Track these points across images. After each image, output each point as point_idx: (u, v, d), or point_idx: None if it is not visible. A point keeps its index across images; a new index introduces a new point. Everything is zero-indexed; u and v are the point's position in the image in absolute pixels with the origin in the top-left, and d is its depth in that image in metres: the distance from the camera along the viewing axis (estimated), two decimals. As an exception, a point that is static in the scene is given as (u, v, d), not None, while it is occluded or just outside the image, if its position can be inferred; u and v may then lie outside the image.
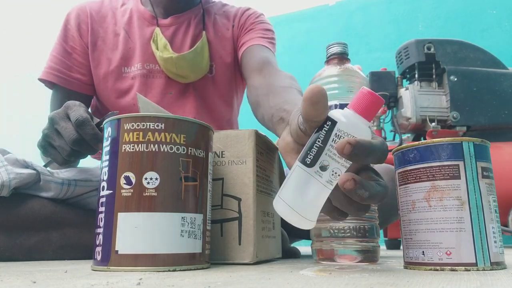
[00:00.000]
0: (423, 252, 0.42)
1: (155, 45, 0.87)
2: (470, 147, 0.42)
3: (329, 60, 0.58)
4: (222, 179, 0.52)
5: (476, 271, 0.39)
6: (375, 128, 1.62)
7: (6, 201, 0.58)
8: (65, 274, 0.37)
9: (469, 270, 0.39)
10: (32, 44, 3.17)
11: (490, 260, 0.40)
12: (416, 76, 1.56)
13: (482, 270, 0.39)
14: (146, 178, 0.40)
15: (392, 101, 1.58)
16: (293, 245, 0.77)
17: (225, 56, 0.93)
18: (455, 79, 1.49)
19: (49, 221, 0.60)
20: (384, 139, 0.38)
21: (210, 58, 0.91)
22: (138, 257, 0.38)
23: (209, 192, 0.45)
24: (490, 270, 0.40)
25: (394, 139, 1.64)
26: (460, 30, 2.26)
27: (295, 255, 0.71)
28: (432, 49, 1.53)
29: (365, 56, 2.41)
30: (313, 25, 2.64)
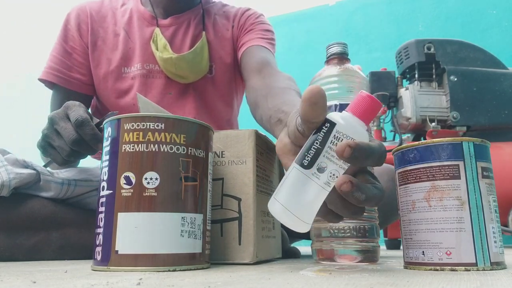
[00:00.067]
0: (423, 252, 0.42)
1: (155, 46, 0.87)
2: (470, 147, 0.42)
3: (329, 60, 0.58)
4: (222, 179, 0.52)
5: (476, 271, 0.39)
6: (375, 128, 1.62)
7: (6, 201, 0.58)
8: (65, 274, 0.37)
9: (469, 270, 0.39)
10: (32, 44, 3.17)
11: (490, 260, 0.40)
12: (416, 76, 1.56)
13: (482, 270, 0.39)
14: (146, 178, 0.40)
15: (392, 101, 1.58)
16: (293, 245, 0.77)
17: (225, 57, 0.93)
18: (455, 79, 1.49)
19: (49, 221, 0.60)
20: (382, 142, 0.38)
21: (210, 59, 0.91)
22: (138, 257, 0.38)
23: (209, 192, 0.45)
24: (490, 270, 0.40)
25: (394, 139, 1.64)
26: (460, 30, 2.26)
27: (295, 255, 0.71)
28: (432, 49, 1.53)
29: (365, 56, 2.41)
30: (313, 25, 2.64)
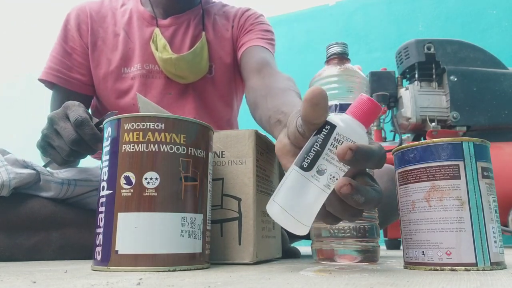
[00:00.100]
0: (423, 252, 0.42)
1: (154, 46, 0.87)
2: (470, 147, 0.42)
3: (329, 60, 0.58)
4: (222, 179, 0.52)
5: (476, 271, 0.39)
6: (375, 128, 1.62)
7: (6, 201, 0.58)
8: (65, 274, 0.37)
9: (469, 270, 0.39)
10: (32, 44, 3.17)
11: (490, 260, 0.40)
12: (416, 76, 1.56)
13: (482, 270, 0.39)
14: (146, 178, 0.40)
15: (392, 101, 1.58)
16: (293, 245, 0.77)
17: (225, 57, 0.93)
18: (455, 79, 1.49)
19: (49, 221, 0.60)
20: (382, 145, 0.38)
21: (210, 59, 0.91)
22: (138, 257, 0.38)
23: (209, 192, 0.45)
24: (490, 270, 0.40)
25: (394, 139, 1.64)
26: (460, 30, 2.26)
27: (295, 255, 0.71)
28: (432, 49, 1.53)
29: (365, 56, 2.41)
30: (313, 25, 2.64)
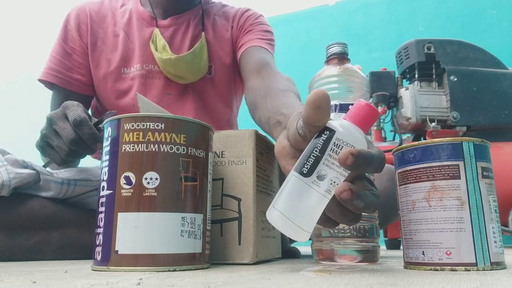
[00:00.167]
0: (423, 252, 0.42)
1: (154, 46, 0.87)
2: (470, 147, 0.42)
3: (329, 60, 0.58)
4: (222, 179, 0.52)
5: (476, 271, 0.39)
6: (375, 128, 1.62)
7: (6, 201, 0.58)
8: (65, 274, 0.37)
9: (469, 270, 0.39)
10: (32, 44, 3.17)
11: (490, 260, 0.40)
12: (416, 76, 1.56)
13: (482, 270, 0.39)
14: (146, 178, 0.40)
15: (392, 101, 1.58)
16: (293, 245, 0.77)
17: (224, 57, 0.93)
18: (455, 79, 1.49)
19: (49, 221, 0.60)
20: (380, 149, 0.38)
21: (209, 59, 0.91)
22: (138, 257, 0.38)
23: (209, 192, 0.45)
24: (490, 270, 0.40)
25: (394, 139, 1.64)
26: (460, 30, 2.26)
27: (295, 255, 0.71)
28: (432, 49, 1.53)
29: (365, 56, 2.41)
30: (313, 25, 2.64)
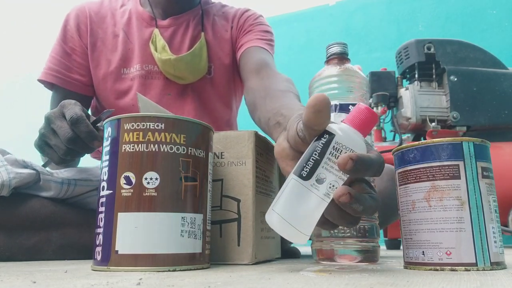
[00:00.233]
0: (423, 252, 0.42)
1: (153, 47, 0.87)
2: (470, 147, 0.42)
3: (329, 60, 0.58)
4: (222, 180, 0.52)
5: (476, 271, 0.39)
6: (375, 128, 1.62)
7: (6, 201, 0.58)
8: (65, 274, 0.37)
9: (469, 270, 0.39)
10: (32, 44, 3.17)
11: (490, 260, 0.40)
12: (416, 76, 1.56)
13: (482, 270, 0.39)
14: (146, 178, 0.40)
15: (392, 101, 1.58)
16: (293, 245, 0.77)
17: (224, 58, 0.93)
18: (455, 79, 1.49)
19: (49, 221, 0.60)
20: (380, 153, 0.38)
21: (209, 60, 0.91)
22: (138, 257, 0.38)
23: (209, 192, 0.45)
24: (490, 270, 0.40)
25: (394, 139, 1.64)
26: (460, 30, 2.26)
27: (295, 255, 0.71)
28: (432, 49, 1.53)
29: (365, 56, 2.41)
30: (313, 25, 2.64)
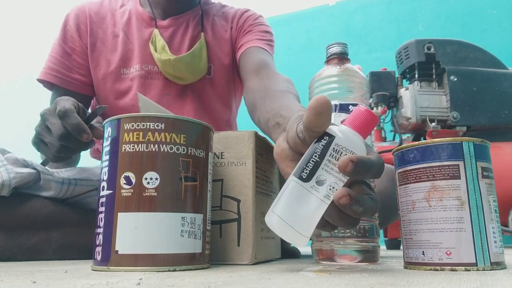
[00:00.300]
0: (423, 252, 0.42)
1: (153, 47, 0.87)
2: (470, 147, 0.42)
3: (329, 60, 0.58)
4: (222, 180, 0.52)
5: (476, 271, 0.39)
6: (375, 128, 1.62)
7: (6, 201, 0.58)
8: (65, 274, 0.37)
9: (469, 270, 0.39)
10: (32, 44, 3.17)
11: (490, 260, 0.40)
12: (416, 76, 1.56)
13: (482, 270, 0.39)
14: (146, 178, 0.40)
15: (392, 101, 1.58)
16: (293, 245, 0.77)
17: (223, 58, 0.93)
18: (455, 79, 1.49)
19: (49, 220, 0.60)
20: (379, 154, 0.38)
21: (208, 60, 0.91)
22: (138, 257, 0.38)
23: (209, 192, 0.45)
24: (490, 270, 0.40)
25: (394, 139, 1.64)
26: (460, 30, 2.26)
27: (295, 255, 0.71)
28: (432, 49, 1.53)
29: (365, 56, 2.41)
30: (313, 25, 2.64)
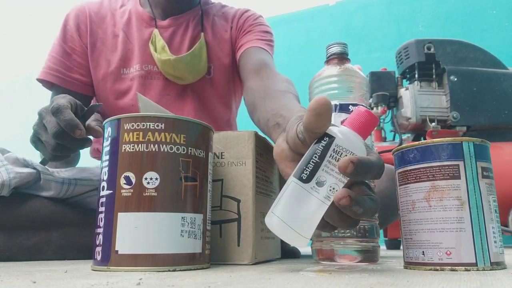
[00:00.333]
0: (423, 252, 0.42)
1: (153, 47, 0.87)
2: (470, 147, 0.42)
3: (329, 60, 0.58)
4: (222, 180, 0.52)
5: (476, 271, 0.39)
6: (375, 128, 1.62)
7: (6, 201, 0.58)
8: (65, 274, 0.37)
9: (469, 270, 0.39)
10: (32, 44, 3.17)
11: (490, 260, 0.40)
12: (416, 76, 1.56)
13: (482, 270, 0.39)
14: (146, 178, 0.40)
15: (392, 101, 1.58)
16: (293, 245, 0.77)
17: (223, 58, 0.93)
18: (455, 79, 1.49)
19: (49, 220, 0.60)
20: (379, 155, 0.38)
21: (208, 60, 0.91)
22: (138, 257, 0.38)
23: (209, 192, 0.45)
24: (490, 270, 0.40)
25: (394, 139, 1.64)
26: (460, 30, 2.26)
27: (295, 255, 0.71)
28: (432, 49, 1.53)
29: (365, 56, 2.41)
30: (313, 25, 2.64)
